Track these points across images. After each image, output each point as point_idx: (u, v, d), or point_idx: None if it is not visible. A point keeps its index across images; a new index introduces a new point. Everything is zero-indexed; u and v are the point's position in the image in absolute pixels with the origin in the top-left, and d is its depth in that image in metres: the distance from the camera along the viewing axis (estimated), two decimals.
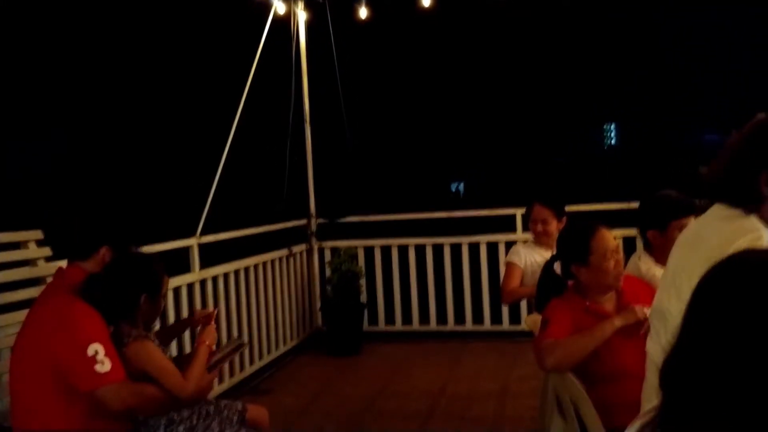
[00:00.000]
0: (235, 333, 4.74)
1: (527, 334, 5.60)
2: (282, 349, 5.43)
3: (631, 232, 3.52)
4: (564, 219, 3.50)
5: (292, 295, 5.71)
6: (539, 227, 3.50)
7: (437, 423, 3.92)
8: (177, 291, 4.13)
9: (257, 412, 2.51)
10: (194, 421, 2.23)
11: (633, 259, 2.75)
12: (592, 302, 2.40)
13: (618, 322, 2.25)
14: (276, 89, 5.74)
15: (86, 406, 2.05)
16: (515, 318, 5.73)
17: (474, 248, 5.79)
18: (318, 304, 6.07)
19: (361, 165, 6.06)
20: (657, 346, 1.77)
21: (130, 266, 2.24)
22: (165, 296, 2.31)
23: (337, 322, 5.69)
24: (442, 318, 5.89)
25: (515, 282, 3.43)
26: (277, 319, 5.39)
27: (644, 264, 2.64)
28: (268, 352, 5.22)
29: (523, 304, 5.62)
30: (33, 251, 2.95)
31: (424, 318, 5.93)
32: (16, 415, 2.15)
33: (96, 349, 2.01)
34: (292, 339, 5.64)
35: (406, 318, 5.96)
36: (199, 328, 2.52)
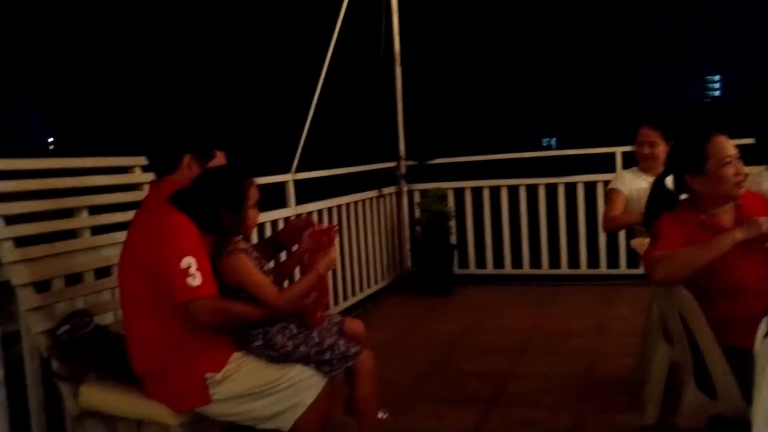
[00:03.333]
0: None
1: (626, 277, 5.46)
2: (372, 288, 5.48)
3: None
4: (672, 143, 3.27)
5: (382, 235, 5.73)
6: (646, 150, 3.30)
7: (530, 357, 3.84)
8: (274, 224, 4.21)
9: (354, 324, 2.52)
10: (293, 330, 2.25)
11: (752, 176, 2.55)
12: (707, 216, 2.24)
13: (739, 235, 2.08)
14: (367, 29, 5.68)
15: (184, 317, 2.09)
16: (613, 261, 5.54)
17: (570, 189, 5.60)
18: (407, 247, 6.06)
19: (451, 107, 5.91)
20: None
21: (209, 180, 2.23)
22: (254, 207, 2.28)
23: (427, 263, 5.66)
24: (535, 261, 5.76)
25: (618, 209, 3.26)
26: (368, 258, 5.43)
27: (767, 181, 2.44)
28: (360, 290, 5.28)
29: (623, 246, 5.43)
30: (138, 176, 3.06)
31: (517, 261, 5.81)
32: (125, 324, 2.24)
33: (189, 262, 2.03)
34: (382, 279, 5.68)
35: (498, 261, 5.87)
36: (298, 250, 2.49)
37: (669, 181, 2.35)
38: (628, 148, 4.99)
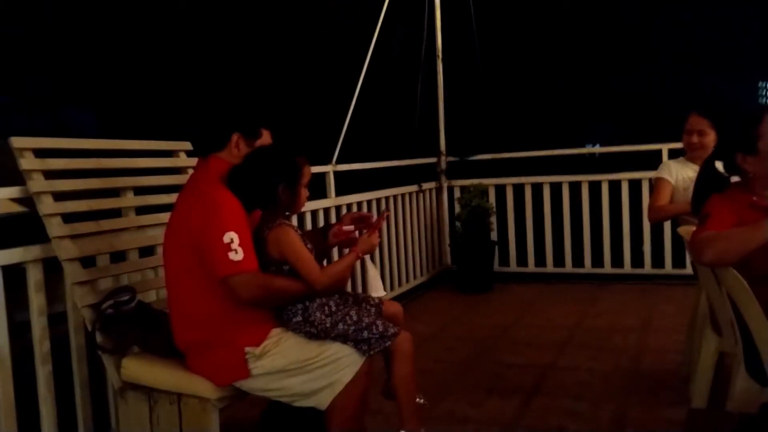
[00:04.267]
0: (367, 263, 4.79)
1: (671, 278, 5.32)
2: (411, 283, 5.46)
3: None
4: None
5: (422, 231, 5.71)
6: (695, 139, 3.21)
7: (573, 352, 3.77)
8: (314, 214, 4.23)
9: (393, 307, 2.51)
10: (332, 308, 2.25)
11: None
12: (759, 197, 2.17)
13: None
14: (409, 23, 5.68)
15: (225, 292, 2.10)
16: (658, 261, 5.41)
17: (615, 187, 5.49)
18: (447, 243, 6.02)
19: (493, 103, 5.86)
20: None
21: (268, 156, 2.26)
22: (306, 186, 2.31)
23: (467, 259, 5.61)
24: (578, 260, 5.66)
25: (665, 198, 3.17)
26: (407, 253, 5.41)
27: None
28: (399, 285, 5.26)
29: (668, 245, 5.31)
30: (183, 160, 3.11)
31: (559, 260, 5.72)
32: (169, 297, 2.27)
33: (232, 237, 2.04)
34: (421, 275, 5.65)
35: (540, 259, 5.79)
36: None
37: (719, 164, 2.28)
38: (675, 145, 4.88)
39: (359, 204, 4.76)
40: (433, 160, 6.00)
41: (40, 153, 2.42)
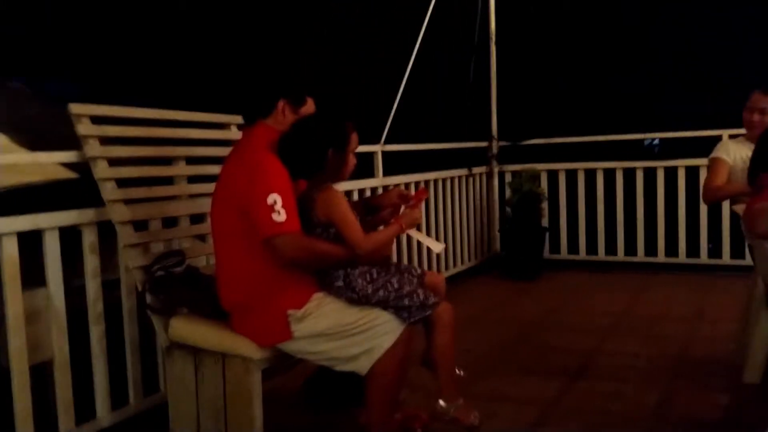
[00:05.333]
0: (414, 244, 4.80)
1: (728, 269, 5.15)
2: (459, 267, 5.43)
3: None
4: None
5: (471, 215, 5.67)
6: (755, 117, 3.09)
7: (620, 337, 3.70)
8: (361, 193, 4.26)
9: (435, 277, 2.52)
10: (374, 275, 2.26)
11: None
12: None
13: None
14: (462, 4, 5.63)
15: (269, 254, 2.14)
16: (715, 250, 5.24)
17: (671, 173, 5.34)
18: (497, 229, 5.97)
19: (547, 87, 5.75)
20: None
21: (317, 121, 2.31)
22: (353, 152, 2.33)
23: (517, 245, 5.55)
24: (630, 248, 5.54)
25: (721, 179, 3.07)
26: (455, 237, 5.39)
27: None
28: (446, 268, 5.25)
29: (726, 235, 5.14)
30: (234, 133, 3.17)
31: (611, 247, 5.61)
32: (217, 259, 2.33)
33: (275, 199, 2.08)
34: (469, 260, 5.62)
35: (591, 247, 5.68)
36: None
37: None
38: (736, 131, 4.72)
39: (407, 185, 4.76)
40: (484, 144, 5.95)
41: (96, 120, 2.51)
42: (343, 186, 3.61)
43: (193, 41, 3.24)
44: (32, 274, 2.33)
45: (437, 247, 2.62)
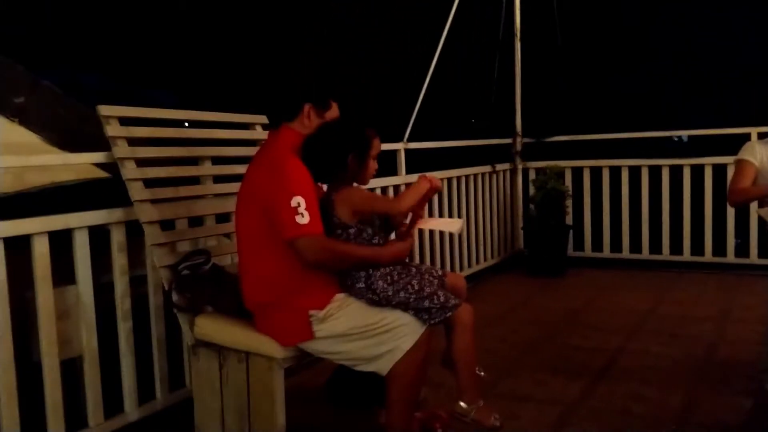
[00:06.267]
0: (436, 242, 4.81)
1: (756, 268, 5.08)
2: (482, 265, 5.43)
3: None
4: None
5: (494, 212, 5.65)
6: None
7: (644, 337, 3.67)
8: (384, 191, 4.27)
9: (456, 279, 2.52)
10: (395, 276, 2.28)
11: None
12: None
13: None
14: (487, 1, 5.60)
15: (292, 255, 2.17)
16: (743, 249, 5.17)
17: (697, 171, 5.27)
18: (520, 226, 5.95)
19: (572, 84, 5.71)
20: None
21: (339, 126, 2.34)
22: (375, 158, 2.36)
23: (540, 242, 5.53)
24: (656, 246, 5.48)
25: (747, 181, 3.02)
26: (478, 234, 5.39)
27: None
28: (469, 265, 5.25)
29: (754, 234, 5.07)
30: (258, 133, 3.21)
31: (636, 246, 5.56)
32: (240, 259, 2.36)
33: (299, 201, 2.12)
34: (492, 257, 5.61)
35: (616, 245, 5.64)
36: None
37: None
38: (765, 129, 4.65)
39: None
40: (508, 140, 5.92)
41: (124, 121, 2.56)
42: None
43: (221, 43, 3.28)
44: (62, 271, 2.39)
45: (455, 227, 2.65)
